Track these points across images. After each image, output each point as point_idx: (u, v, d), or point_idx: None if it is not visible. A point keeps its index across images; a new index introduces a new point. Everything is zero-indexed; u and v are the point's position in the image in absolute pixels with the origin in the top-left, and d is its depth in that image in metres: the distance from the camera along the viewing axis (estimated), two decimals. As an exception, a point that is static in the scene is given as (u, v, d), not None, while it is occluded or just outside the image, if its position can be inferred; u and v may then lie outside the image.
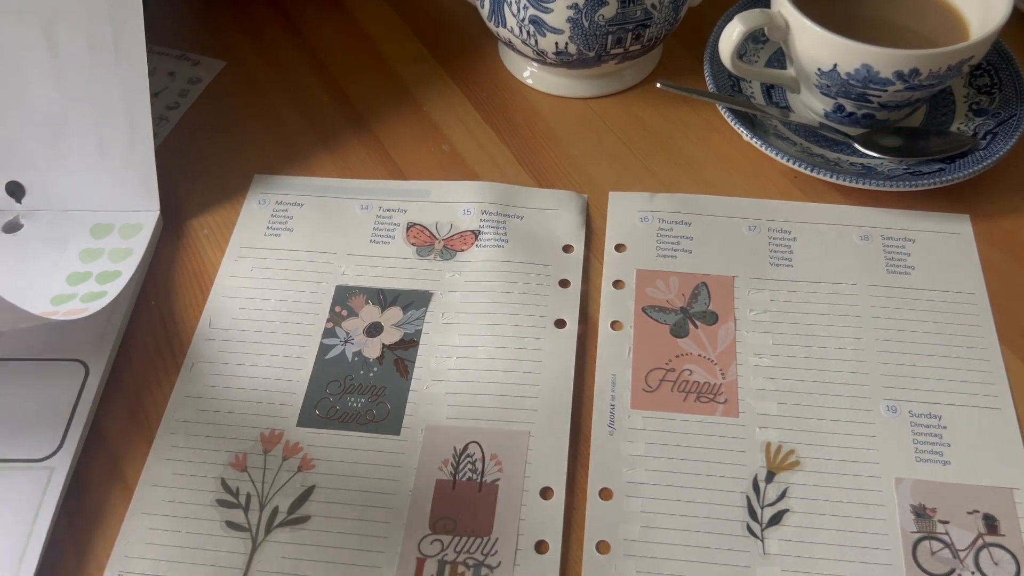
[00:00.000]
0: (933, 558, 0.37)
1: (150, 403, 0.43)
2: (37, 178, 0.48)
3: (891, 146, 0.48)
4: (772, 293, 0.45)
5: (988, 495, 0.38)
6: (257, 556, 0.38)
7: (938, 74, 0.44)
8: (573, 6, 0.47)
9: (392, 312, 0.45)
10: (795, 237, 0.47)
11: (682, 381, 0.42)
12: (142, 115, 0.47)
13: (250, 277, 0.47)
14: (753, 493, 0.39)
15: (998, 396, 0.41)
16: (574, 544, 0.38)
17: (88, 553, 0.38)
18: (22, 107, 0.47)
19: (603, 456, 0.40)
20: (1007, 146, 0.47)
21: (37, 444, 0.40)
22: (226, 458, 0.40)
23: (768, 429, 0.40)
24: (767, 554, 0.37)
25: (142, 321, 0.45)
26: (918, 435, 0.40)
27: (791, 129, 0.50)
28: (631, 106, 0.54)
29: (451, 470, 0.40)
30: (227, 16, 0.61)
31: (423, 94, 0.56)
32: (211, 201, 0.50)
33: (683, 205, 0.48)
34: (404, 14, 0.61)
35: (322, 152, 0.53)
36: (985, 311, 0.44)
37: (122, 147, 0.48)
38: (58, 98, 0.47)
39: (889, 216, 0.48)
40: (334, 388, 0.42)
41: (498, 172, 0.51)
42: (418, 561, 0.37)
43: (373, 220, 0.49)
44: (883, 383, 0.42)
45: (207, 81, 0.57)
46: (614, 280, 0.46)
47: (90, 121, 0.47)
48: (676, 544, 0.37)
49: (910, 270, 0.45)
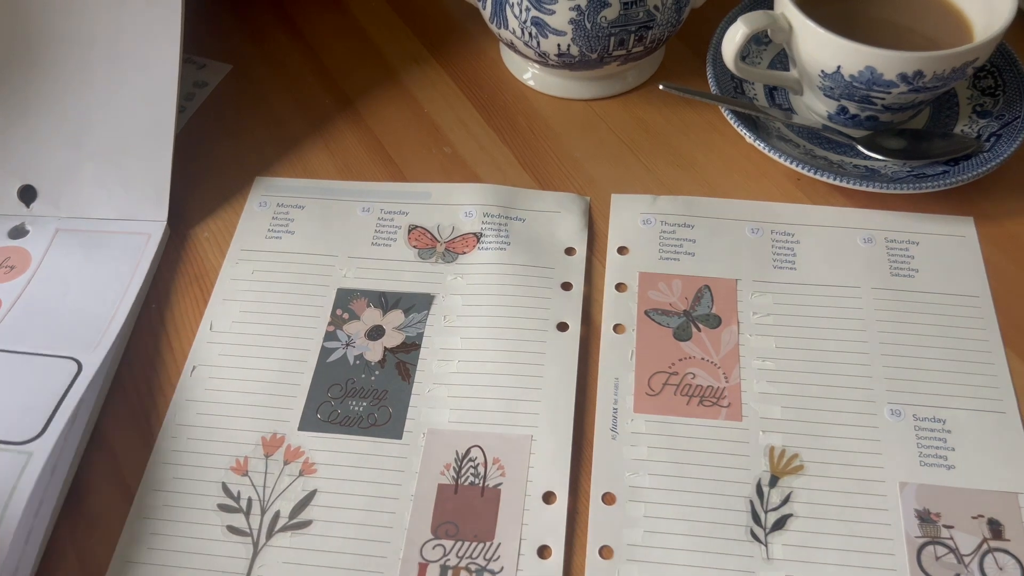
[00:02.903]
0: (938, 563, 0.36)
1: (151, 407, 0.42)
2: (51, 184, 0.48)
3: (895, 148, 0.48)
4: (775, 296, 0.45)
5: (993, 500, 0.38)
6: (258, 561, 0.37)
7: (942, 76, 0.44)
8: (575, 8, 0.47)
9: (394, 315, 0.45)
10: (798, 240, 0.47)
11: (685, 385, 0.42)
12: (165, 129, 0.47)
13: (251, 280, 0.47)
14: (757, 497, 0.38)
15: (1003, 400, 0.41)
16: (577, 549, 0.38)
17: (89, 557, 0.38)
18: (51, 113, 0.47)
19: (606, 460, 0.40)
20: (1011, 148, 0.47)
21: (18, 428, 0.40)
22: (227, 462, 0.40)
23: (772, 433, 0.40)
24: (771, 559, 0.37)
25: (143, 324, 0.45)
26: (922, 439, 0.40)
27: (794, 131, 0.50)
28: (633, 108, 0.54)
29: (453, 474, 0.39)
30: (231, 20, 0.61)
31: (424, 96, 0.55)
32: (212, 204, 0.50)
33: (686, 207, 0.48)
34: (406, 16, 0.61)
35: (323, 154, 0.53)
36: (989, 314, 0.44)
37: (141, 158, 0.48)
38: (85, 106, 0.47)
39: (893, 219, 0.47)
40: (335, 392, 0.42)
41: (500, 174, 0.51)
42: (420, 566, 0.37)
43: (374, 222, 0.49)
44: (887, 387, 0.41)
45: (213, 84, 0.57)
46: (616, 283, 0.46)
47: (114, 131, 0.48)
48: (679, 549, 0.37)
49: (914, 273, 0.45)
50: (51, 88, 0.48)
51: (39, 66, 0.47)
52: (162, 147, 0.48)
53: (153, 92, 0.47)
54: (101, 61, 0.47)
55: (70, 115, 0.48)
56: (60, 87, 0.48)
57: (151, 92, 0.47)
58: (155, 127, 0.48)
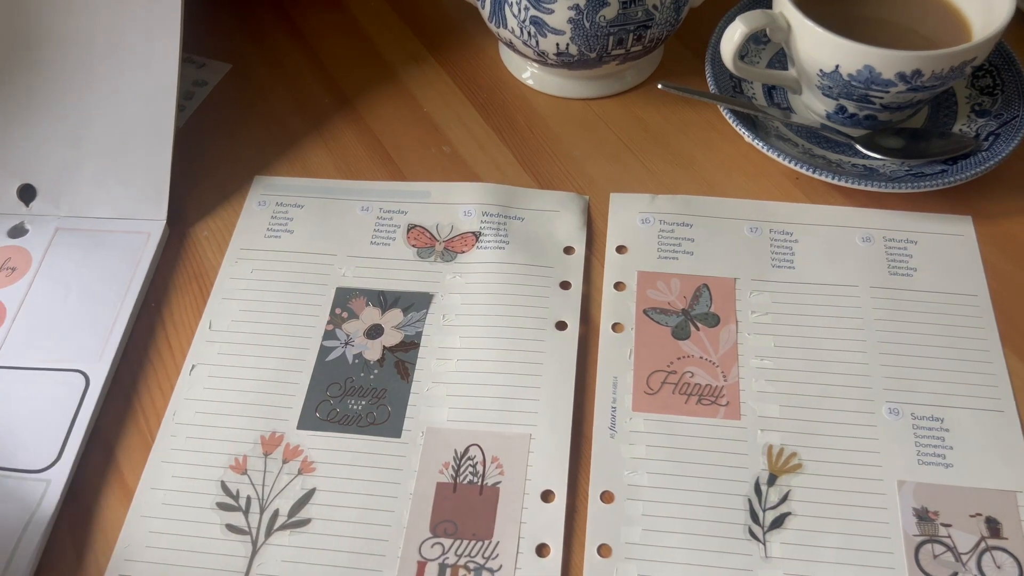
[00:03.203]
0: (935, 561, 0.37)
1: (150, 405, 0.43)
2: (51, 183, 0.48)
3: (893, 147, 0.48)
4: (774, 295, 0.45)
5: (991, 498, 0.38)
6: (257, 559, 0.38)
7: (940, 75, 0.44)
8: (574, 7, 0.47)
9: (393, 314, 0.45)
10: (797, 239, 0.47)
11: (684, 383, 0.42)
12: (165, 128, 0.47)
13: (250, 279, 0.47)
14: (755, 496, 0.38)
15: (1000, 398, 0.41)
16: (575, 547, 0.38)
17: (88, 556, 0.38)
18: (51, 112, 0.47)
19: (604, 459, 0.40)
20: (1009, 147, 0.47)
21: (35, 455, 0.40)
22: (226, 461, 0.40)
23: (770, 432, 0.40)
24: (769, 557, 0.37)
25: (142, 323, 0.45)
26: (920, 438, 0.40)
27: (793, 130, 0.50)
28: (632, 107, 0.54)
29: (452, 473, 0.39)
30: (230, 19, 0.61)
31: (424, 95, 0.56)
32: (211, 203, 0.50)
33: (684, 207, 0.48)
34: (405, 15, 0.61)
35: (322, 153, 0.53)
36: (987, 313, 0.44)
37: (140, 157, 0.48)
38: (85, 105, 0.47)
39: (891, 218, 0.47)
40: (334, 390, 0.42)
41: (499, 173, 0.51)
42: (419, 564, 0.37)
43: (373, 222, 0.49)
44: (885, 385, 0.41)
45: (213, 83, 0.57)
46: (615, 282, 0.46)
47: (114, 130, 0.48)
48: (678, 547, 0.37)
49: (912, 272, 0.45)
50: (51, 87, 0.48)
51: (39, 66, 0.47)
52: (162, 146, 0.48)
53: (153, 91, 0.47)
54: (101, 60, 0.47)
55: (70, 114, 0.48)
56: (60, 86, 0.48)
57: (151, 91, 0.48)
58: (155, 126, 0.48)
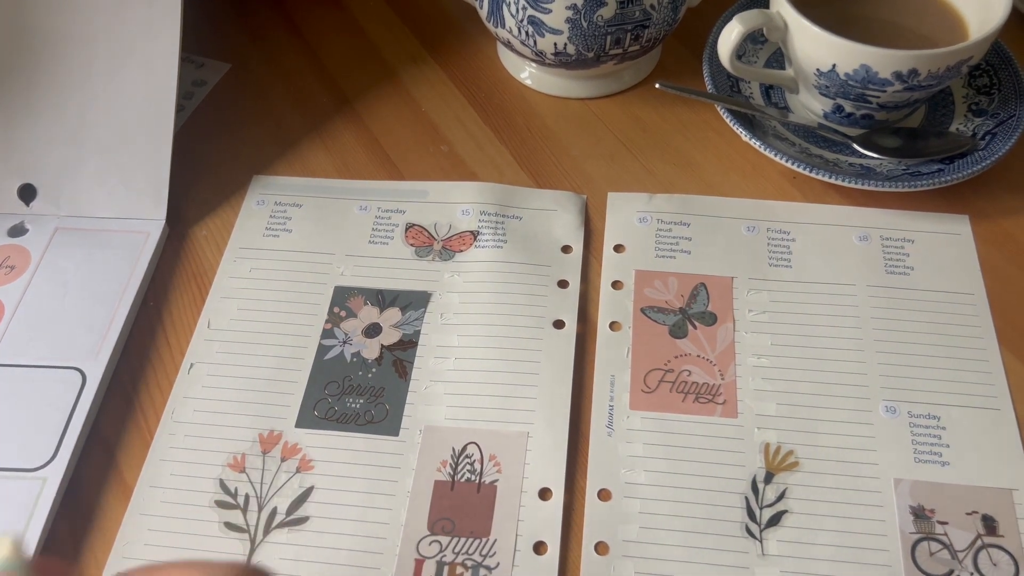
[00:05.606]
0: (932, 559, 0.37)
1: (148, 404, 0.43)
2: (51, 182, 0.49)
3: (890, 146, 0.48)
4: (771, 294, 0.45)
5: (987, 496, 0.38)
6: (255, 557, 0.38)
7: (937, 75, 0.44)
8: (572, 7, 0.47)
9: (391, 313, 0.45)
10: (794, 238, 0.47)
11: (681, 382, 0.42)
12: (164, 128, 0.48)
13: (249, 278, 0.47)
14: (752, 494, 0.39)
15: (997, 397, 0.41)
16: (573, 545, 0.38)
17: (86, 553, 0.38)
18: (51, 111, 0.48)
19: (602, 457, 0.40)
20: (1006, 146, 0.47)
21: (30, 453, 0.40)
22: (224, 459, 0.40)
23: (767, 430, 0.40)
24: (766, 555, 0.37)
25: (141, 322, 0.46)
26: (917, 436, 0.40)
27: (790, 130, 0.50)
28: (630, 107, 0.54)
29: (449, 471, 0.40)
30: (230, 19, 0.61)
31: (422, 95, 0.56)
32: (210, 202, 0.50)
33: (682, 206, 0.48)
34: (404, 15, 0.61)
35: (321, 152, 0.53)
36: (984, 312, 0.44)
37: (140, 156, 0.48)
38: (85, 104, 0.48)
39: (888, 217, 0.48)
40: (332, 389, 0.42)
41: (497, 172, 0.51)
42: (416, 562, 0.37)
43: (372, 221, 0.49)
44: (882, 384, 0.41)
45: (212, 83, 0.57)
46: (613, 281, 0.46)
47: (113, 129, 0.48)
48: (675, 545, 0.37)
49: (909, 271, 0.45)
50: (51, 87, 0.48)
51: (39, 65, 0.48)
52: (161, 146, 0.48)
53: (152, 91, 0.48)
54: (101, 60, 0.47)
55: (70, 114, 0.48)
56: (60, 86, 0.48)
57: (150, 91, 0.48)
58: (154, 126, 0.48)
